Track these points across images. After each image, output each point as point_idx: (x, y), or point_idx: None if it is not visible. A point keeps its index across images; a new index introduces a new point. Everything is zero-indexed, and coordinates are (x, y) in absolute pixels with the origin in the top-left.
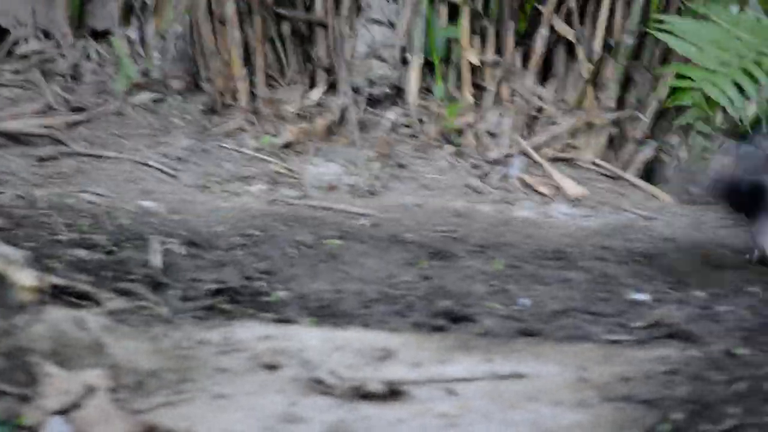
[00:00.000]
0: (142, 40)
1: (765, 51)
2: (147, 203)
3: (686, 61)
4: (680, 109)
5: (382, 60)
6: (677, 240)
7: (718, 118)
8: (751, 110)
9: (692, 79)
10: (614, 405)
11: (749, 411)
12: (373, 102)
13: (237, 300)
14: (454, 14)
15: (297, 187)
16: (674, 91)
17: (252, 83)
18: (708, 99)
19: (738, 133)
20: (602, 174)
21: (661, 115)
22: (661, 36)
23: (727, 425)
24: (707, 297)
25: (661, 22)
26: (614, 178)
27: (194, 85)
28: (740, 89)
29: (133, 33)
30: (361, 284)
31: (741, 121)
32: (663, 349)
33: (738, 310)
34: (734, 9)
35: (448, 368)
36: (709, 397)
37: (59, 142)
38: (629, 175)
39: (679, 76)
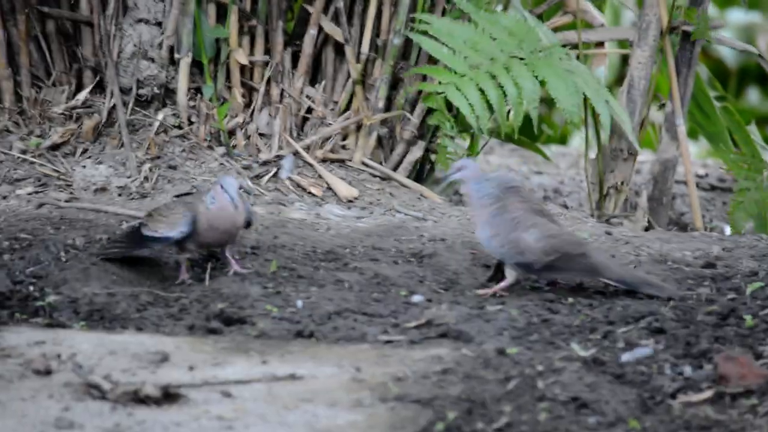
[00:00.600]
0: None
1: (519, 54)
2: None
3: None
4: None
5: (151, 60)
6: (447, 240)
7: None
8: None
9: (439, 82)
10: (389, 405)
11: (521, 409)
12: (142, 102)
13: (6, 305)
14: (222, 14)
15: (66, 189)
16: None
17: (17, 83)
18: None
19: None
20: (373, 174)
21: (429, 114)
22: (414, 37)
23: (500, 423)
24: (478, 297)
25: (421, 22)
26: (385, 178)
27: None
28: (484, 96)
29: None
30: (134, 287)
31: (480, 129)
32: (436, 349)
33: (508, 310)
34: (498, 8)
35: (224, 371)
36: (483, 396)
37: None
38: (399, 176)
39: (426, 78)
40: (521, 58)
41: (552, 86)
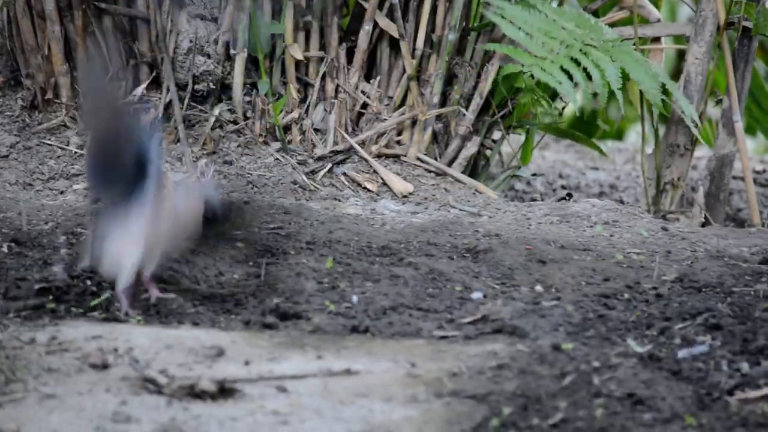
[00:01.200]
0: None
1: (591, 42)
2: None
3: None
4: (501, 105)
5: (207, 56)
6: (503, 235)
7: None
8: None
9: (522, 64)
10: (444, 400)
11: (577, 404)
12: (198, 98)
13: (64, 300)
14: (278, 10)
15: None
16: (497, 84)
17: (74, 79)
18: (538, 84)
19: (557, 130)
20: (428, 170)
21: (484, 110)
22: (493, 18)
23: (556, 419)
24: (533, 292)
25: (489, 6)
26: (440, 174)
27: (14, 81)
28: (569, 76)
29: None
30: (191, 282)
31: (560, 114)
32: (491, 345)
33: (563, 305)
34: (554, 4)
35: (280, 366)
36: (538, 392)
37: None
38: (454, 171)
39: (507, 60)
40: (595, 46)
41: (632, 70)
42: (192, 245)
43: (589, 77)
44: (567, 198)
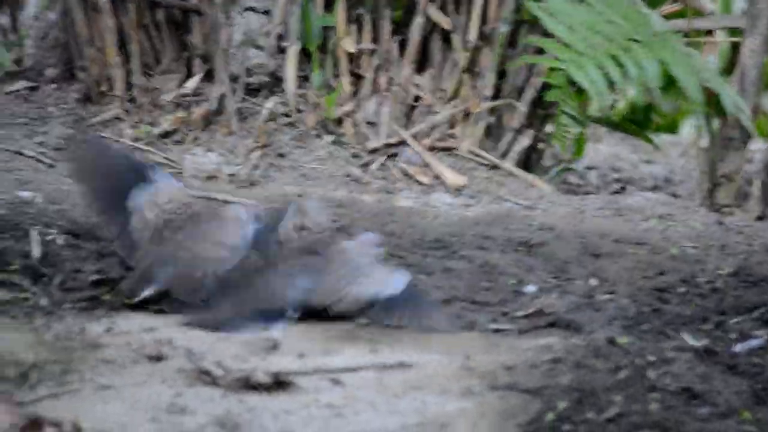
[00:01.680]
0: (14, 28)
1: (636, 37)
2: (24, 193)
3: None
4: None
5: (259, 48)
6: (557, 229)
7: (594, 104)
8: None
9: (558, 59)
10: (499, 393)
11: (632, 399)
12: (251, 91)
13: (119, 291)
14: (330, 2)
15: (176, 177)
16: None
17: (128, 71)
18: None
19: (611, 122)
20: (481, 163)
21: (537, 103)
22: (535, 11)
23: (611, 413)
24: (587, 286)
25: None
26: (493, 167)
27: (69, 74)
28: (605, 74)
29: (4, 20)
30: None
31: (597, 112)
32: (546, 338)
33: (618, 299)
34: None
35: (334, 358)
36: (593, 386)
37: None
38: (507, 164)
39: (540, 52)
40: (638, 41)
41: (673, 67)
42: None
43: (625, 76)
44: (621, 191)
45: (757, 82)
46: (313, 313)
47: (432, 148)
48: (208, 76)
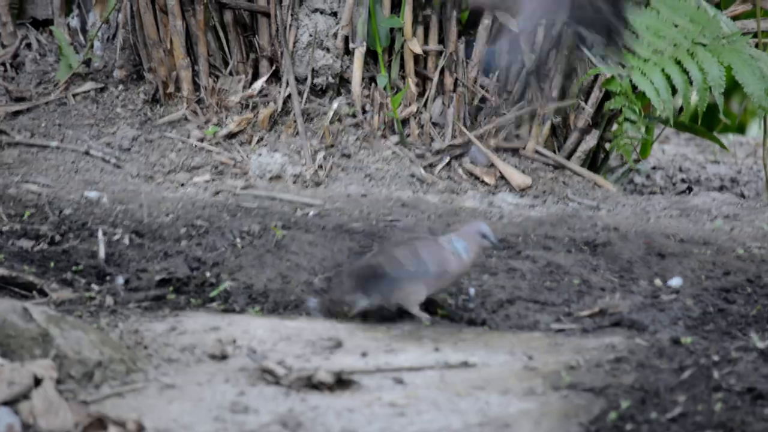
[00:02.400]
0: (84, 30)
1: (701, 41)
2: (91, 193)
3: None
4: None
5: (326, 50)
6: (621, 229)
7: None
8: (691, 100)
9: (622, 66)
10: (561, 393)
11: (696, 399)
12: (317, 92)
13: (183, 290)
14: (397, 4)
15: (242, 177)
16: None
17: (195, 73)
18: (635, 88)
19: (678, 123)
20: (546, 163)
21: (604, 103)
22: None
23: (674, 413)
24: (652, 286)
25: None
26: (558, 167)
27: (137, 75)
28: (669, 80)
29: (74, 22)
30: (309, 274)
31: (664, 116)
32: (609, 338)
33: (683, 299)
34: None
35: (397, 358)
36: (656, 385)
37: (1, 131)
38: (573, 165)
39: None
40: (704, 45)
41: (738, 71)
42: None
43: (690, 82)
44: (687, 192)
45: None
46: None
47: (497, 149)
48: (275, 78)
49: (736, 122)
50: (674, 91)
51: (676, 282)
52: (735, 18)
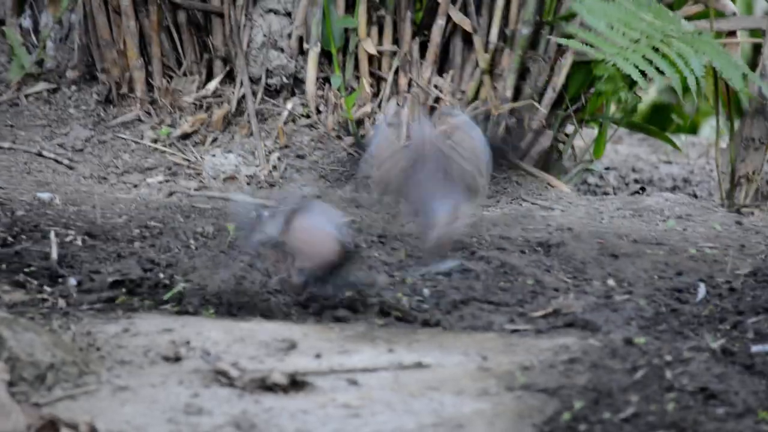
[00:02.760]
0: (36, 30)
1: (671, 33)
2: (44, 195)
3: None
4: (574, 99)
5: (280, 50)
6: (575, 229)
7: (611, 107)
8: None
9: (604, 52)
10: (515, 394)
11: (649, 399)
12: (271, 92)
13: (137, 292)
14: (351, 4)
15: (196, 178)
16: (570, 78)
17: (148, 73)
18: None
19: (631, 123)
20: (500, 164)
21: (557, 104)
22: (576, 7)
23: (627, 413)
24: (605, 286)
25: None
26: (512, 167)
27: (89, 76)
28: (652, 65)
29: (26, 22)
30: (263, 275)
31: (633, 110)
32: (563, 338)
33: (636, 299)
34: None
35: (351, 359)
36: (610, 386)
37: None
38: (526, 165)
39: (581, 55)
40: (675, 37)
41: (715, 60)
42: None
43: (672, 65)
44: (640, 192)
45: None
46: (332, 314)
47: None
48: (229, 78)
49: (688, 123)
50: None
51: (702, 292)
52: (688, 18)
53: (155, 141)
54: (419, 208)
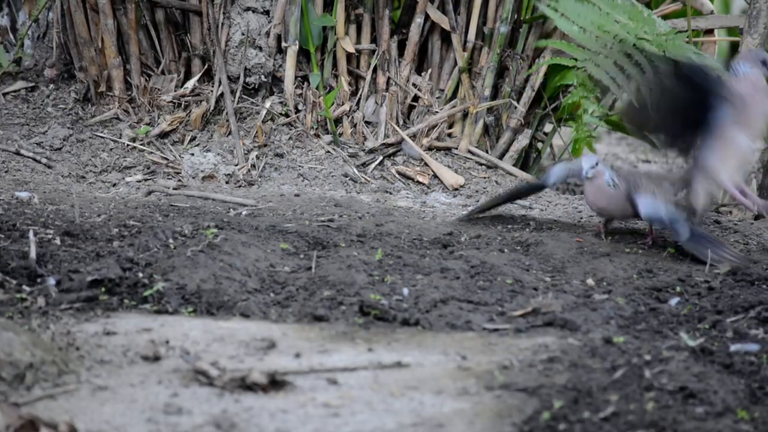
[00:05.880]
0: (14, 28)
1: (644, 36)
2: (22, 194)
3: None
4: (553, 98)
5: (258, 48)
6: (553, 228)
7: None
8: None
9: (575, 59)
10: (495, 393)
11: (628, 398)
12: (250, 91)
13: (116, 291)
14: (329, 2)
15: (174, 177)
16: (548, 77)
17: (126, 72)
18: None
19: (610, 121)
20: (479, 163)
21: (536, 103)
22: (547, 12)
23: (607, 412)
24: (584, 285)
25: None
26: (491, 166)
27: (68, 74)
28: (622, 71)
29: (3, 21)
30: (242, 275)
31: (610, 108)
32: (542, 338)
33: (615, 298)
34: None
35: (330, 358)
36: (589, 385)
37: None
38: (505, 164)
39: (558, 54)
40: (648, 40)
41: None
42: None
43: (642, 72)
44: None
45: None
46: (311, 314)
47: (430, 148)
48: (207, 76)
49: None
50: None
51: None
52: (665, 17)
53: (134, 140)
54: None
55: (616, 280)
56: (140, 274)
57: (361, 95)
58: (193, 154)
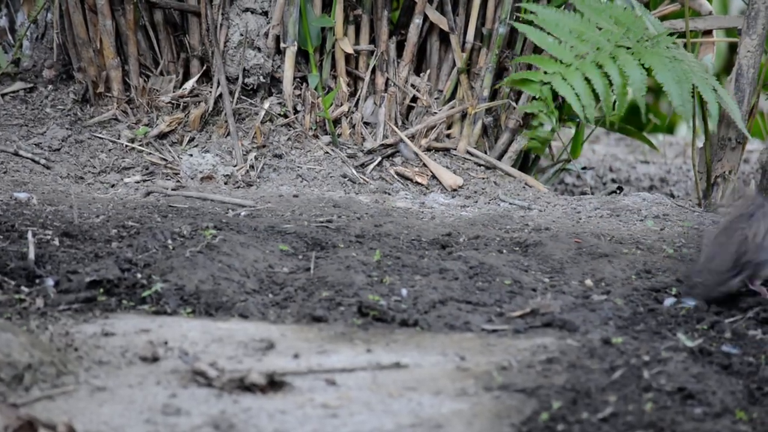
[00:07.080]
0: (12, 29)
1: (624, 43)
2: (20, 194)
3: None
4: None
5: (257, 49)
6: (552, 229)
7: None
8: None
9: (545, 72)
10: (493, 394)
11: (627, 399)
12: (248, 91)
13: (115, 292)
14: (328, 3)
15: (173, 177)
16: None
17: (125, 72)
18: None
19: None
20: (478, 163)
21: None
22: (519, 27)
23: (605, 413)
24: (583, 286)
25: (527, 11)
26: (489, 167)
27: (66, 75)
28: (590, 86)
29: (2, 21)
30: (240, 275)
31: (587, 119)
32: (541, 338)
33: (613, 299)
34: None
35: (329, 359)
36: (588, 386)
37: None
38: (504, 165)
39: (530, 67)
40: (627, 48)
41: (659, 73)
42: None
43: (609, 85)
44: (617, 192)
45: (753, 83)
46: (310, 314)
47: (429, 149)
48: (206, 77)
49: (665, 122)
50: (597, 95)
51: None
52: (663, 18)
53: (132, 140)
54: None
55: (615, 280)
56: (139, 275)
57: (359, 96)
58: (191, 155)
